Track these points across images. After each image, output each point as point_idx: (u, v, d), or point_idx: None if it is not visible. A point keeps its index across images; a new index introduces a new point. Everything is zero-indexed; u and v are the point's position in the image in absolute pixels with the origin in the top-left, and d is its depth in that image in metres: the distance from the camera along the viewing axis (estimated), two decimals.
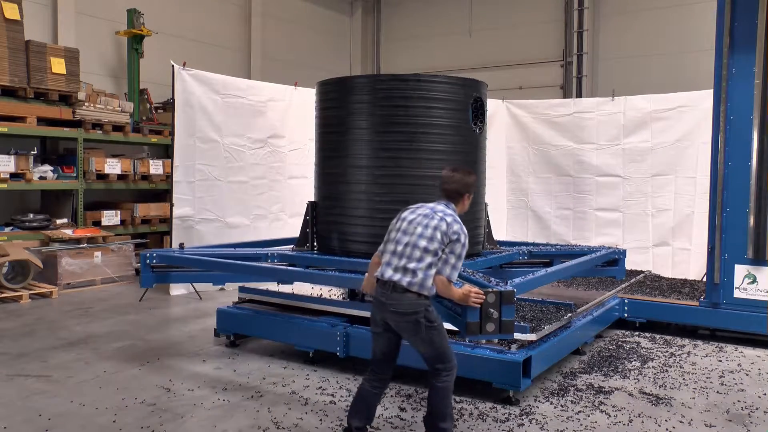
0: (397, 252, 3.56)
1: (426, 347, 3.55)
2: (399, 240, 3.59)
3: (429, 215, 3.59)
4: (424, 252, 3.48)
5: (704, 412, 4.41)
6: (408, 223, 3.62)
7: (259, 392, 4.63)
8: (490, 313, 3.55)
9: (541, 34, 14.76)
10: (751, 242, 5.88)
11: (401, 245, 3.56)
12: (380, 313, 3.57)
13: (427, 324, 3.49)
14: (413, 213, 3.67)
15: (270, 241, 6.76)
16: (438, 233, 3.50)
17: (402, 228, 3.62)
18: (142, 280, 5.38)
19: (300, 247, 5.83)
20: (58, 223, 8.90)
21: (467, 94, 5.59)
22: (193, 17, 12.82)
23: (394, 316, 3.50)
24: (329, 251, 5.65)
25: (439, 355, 3.57)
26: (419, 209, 3.68)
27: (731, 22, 5.95)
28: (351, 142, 5.50)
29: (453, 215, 3.61)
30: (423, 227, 3.54)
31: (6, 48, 8.26)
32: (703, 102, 8.09)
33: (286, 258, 5.61)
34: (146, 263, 5.32)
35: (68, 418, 4.11)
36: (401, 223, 3.66)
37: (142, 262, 5.32)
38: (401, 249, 3.55)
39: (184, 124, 7.98)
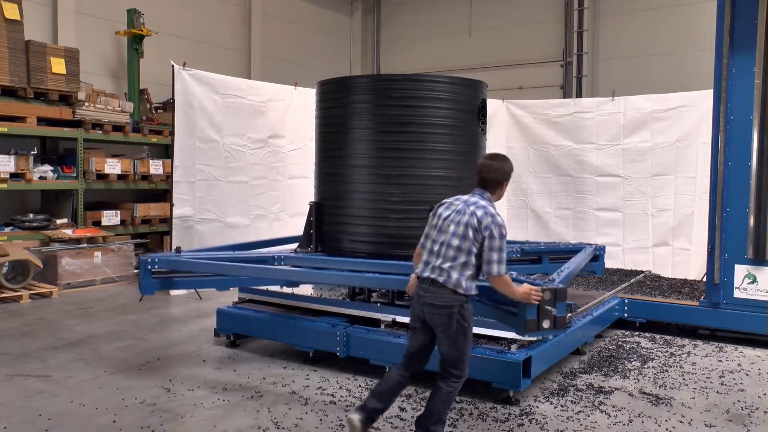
0: (433, 251, 3.61)
1: (449, 347, 3.57)
2: (435, 239, 3.64)
3: (461, 211, 3.60)
4: (457, 251, 3.52)
5: (704, 412, 4.41)
6: (443, 220, 3.64)
7: (259, 392, 4.63)
8: (548, 311, 3.67)
9: (541, 34, 14.76)
10: (751, 242, 5.88)
11: (437, 244, 3.60)
12: (418, 306, 3.61)
13: (459, 321, 3.51)
14: (447, 209, 3.68)
15: (269, 241, 6.75)
16: (469, 230, 3.52)
17: (438, 225, 3.65)
18: (143, 287, 5.00)
19: (304, 248, 5.76)
20: (58, 223, 8.90)
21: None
22: (193, 17, 12.82)
23: (430, 309, 3.54)
24: (334, 252, 5.62)
25: (457, 360, 3.58)
26: (453, 204, 3.68)
27: (731, 22, 5.95)
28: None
29: (484, 207, 3.58)
30: (455, 225, 3.57)
31: (6, 48, 8.27)
32: (703, 102, 8.09)
33: (293, 260, 5.47)
34: (147, 269, 4.94)
35: (68, 418, 4.11)
36: (437, 219, 3.68)
37: (143, 268, 4.94)
38: (437, 248, 3.59)
39: (184, 124, 7.98)
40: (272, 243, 6.63)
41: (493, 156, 3.82)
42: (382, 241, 5.42)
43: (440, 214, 3.68)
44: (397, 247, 5.38)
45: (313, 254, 5.68)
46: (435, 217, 3.71)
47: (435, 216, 3.72)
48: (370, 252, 5.43)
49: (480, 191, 3.70)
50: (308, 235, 5.70)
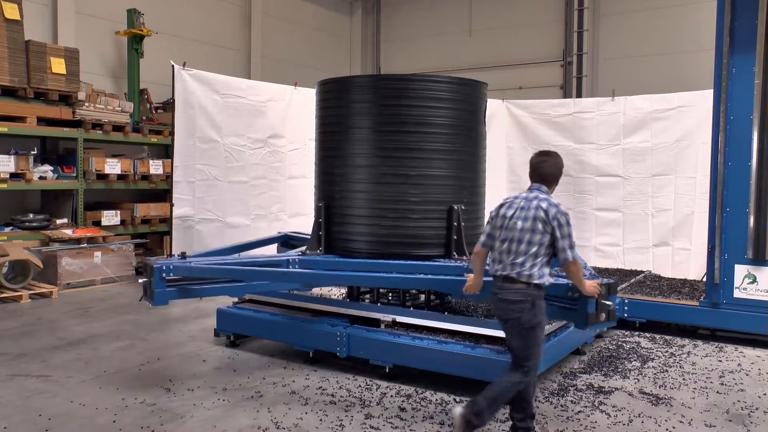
0: (503, 250, 3.75)
1: (519, 342, 3.69)
2: (504, 237, 3.76)
3: (525, 207, 3.74)
4: (528, 245, 3.66)
5: (704, 412, 4.41)
6: (508, 219, 3.77)
7: (259, 392, 4.63)
8: (604, 304, 3.88)
9: (541, 34, 14.75)
10: (751, 242, 5.88)
11: (506, 242, 3.74)
12: (493, 305, 3.76)
13: (531, 316, 3.63)
14: (510, 208, 3.81)
15: (263, 240, 6.75)
16: (538, 223, 3.66)
17: (504, 225, 3.78)
18: (156, 297, 4.59)
19: (313, 250, 5.60)
20: (58, 223, 8.90)
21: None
22: (193, 17, 12.82)
23: (503, 304, 3.69)
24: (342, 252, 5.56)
25: (527, 357, 3.69)
26: (515, 202, 3.81)
27: (731, 22, 5.95)
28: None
29: (547, 199, 3.74)
30: (522, 221, 3.70)
31: (6, 48, 8.26)
32: (703, 102, 8.08)
33: (310, 263, 5.28)
34: (161, 277, 4.59)
35: (68, 418, 4.11)
36: (501, 220, 3.81)
37: (157, 276, 4.55)
38: (506, 246, 3.73)
39: (184, 124, 7.97)
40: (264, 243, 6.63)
41: (544, 153, 4.01)
42: (382, 242, 5.41)
43: (504, 214, 3.81)
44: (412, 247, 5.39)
45: (325, 256, 5.55)
46: (498, 218, 3.83)
47: (498, 217, 3.84)
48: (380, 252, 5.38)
49: (537, 186, 3.86)
50: (317, 237, 5.61)
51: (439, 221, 5.42)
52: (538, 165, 3.92)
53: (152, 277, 4.55)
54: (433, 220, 5.41)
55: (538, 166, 3.91)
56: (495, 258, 3.80)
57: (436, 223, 5.41)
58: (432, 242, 5.42)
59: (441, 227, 5.43)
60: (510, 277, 3.66)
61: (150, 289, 4.58)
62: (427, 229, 5.40)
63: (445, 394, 4.62)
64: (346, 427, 4.03)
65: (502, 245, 3.75)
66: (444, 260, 5.35)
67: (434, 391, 4.68)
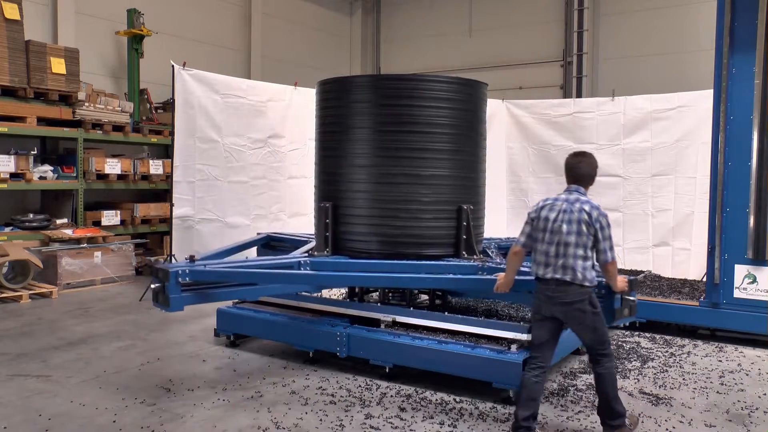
0: (550, 253, 3.82)
1: (589, 333, 3.83)
2: (550, 240, 3.83)
3: (567, 210, 3.82)
4: (575, 247, 3.76)
5: (704, 412, 4.41)
6: (552, 222, 3.84)
7: (259, 392, 4.63)
8: (628, 299, 4.02)
9: (541, 34, 14.75)
10: (751, 242, 5.87)
11: (553, 245, 3.82)
12: (548, 307, 3.84)
13: (592, 310, 3.79)
14: (551, 210, 3.87)
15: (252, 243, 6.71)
16: (583, 226, 3.77)
17: (548, 228, 3.85)
18: (173, 303, 4.37)
19: (321, 251, 5.54)
20: (58, 223, 8.90)
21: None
22: (193, 17, 12.82)
23: (563, 307, 3.79)
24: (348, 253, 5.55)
25: (601, 341, 3.84)
26: (556, 204, 3.88)
27: (731, 22, 5.95)
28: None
29: (588, 201, 3.84)
30: (567, 224, 3.79)
31: (6, 48, 8.26)
32: (703, 102, 8.08)
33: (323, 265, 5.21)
34: (177, 282, 4.38)
35: (68, 418, 4.11)
36: (543, 222, 3.88)
37: (173, 281, 4.35)
38: (554, 249, 3.81)
39: (184, 124, 7.98)
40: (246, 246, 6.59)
41: (579, 154, 4.04)
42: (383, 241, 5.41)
43: (546, 217, 3.87)
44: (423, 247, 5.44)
45: (335, 257, 5.49)
46: (540, 221, 3.90)
47: (539, 219, 3.91)
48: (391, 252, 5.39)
49: (575, 188, 3.93)
50: (324, 238, 5.58)
51: (448, 221, 5.46)
52: (574, 166, 3.96)
53: (167, 282, 4.34)
54: (442, 220, 5.45)
55: (575, 167, 3.96)
56: (540, 260, 3.87)
57: (445, 223, 5.46)
58: (441, 242, 5.47)
59: (450, 227, 5.47)
60: (564, 280, 3.77)
61: (164, 294, 4.37)
62: (437, 229, 5.44)
63: (445, 394, 4.62)
64: (346, 427, 4.03)
65: (549, 247, 3.83)
66: (457, 260, 5.40)
67: (434, 391, 4.68)
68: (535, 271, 3.92)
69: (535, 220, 3.93)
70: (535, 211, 3.96)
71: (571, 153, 4.09)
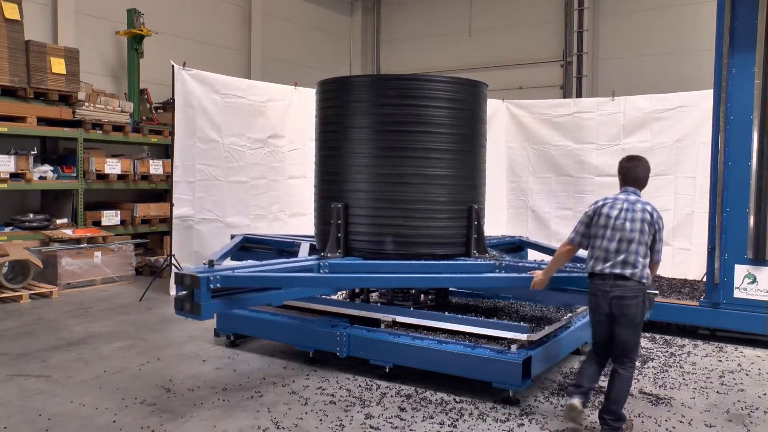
0: (611, 249, 3.95)
1: (631, 332, 3.95)
2: (611, 237, 3.96)
3: (630, 209, 3.97)
4: (638, 245, 3.91)
5: (704, 412, 4.41)
6: (614, 219, 3.97)
7: (259, 392, 4.63)
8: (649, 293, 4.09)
9: (541, 34, 14.75)
10: (751, 242, 5.87)
11: (614, 242, 3.94)
12: (604, 301, 3.94)
13: (642, 310, 3.94)
14: (613, 209, 4.00)
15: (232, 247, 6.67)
16: (645, 225, 3.94)
17: (610, 225, 3.97)
18: (204, 310, 4.15)
19: (333, 252, 5.42)
20: (58, 223, 8.90)
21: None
22: (193, 17, 12.82)
23: (620, 301, 3.90)
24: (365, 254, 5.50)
25: (636, 342, 4.01)
26: (617, 203, 4.01)
27: (731, 22, 5.95)
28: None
29: (649, 203, 4.03)
30: (630, 222, 3.94)
31: (6, 48, 8.26)
32: (703, 102, 8.08)
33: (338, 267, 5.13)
34: (208, 288, 4.15)
35: (68, 418, 4.11)
36: (605, 219, 4.00)
37: (204, 287, 4.12)
38: (615, 245, 3.94)
39: (184, 124, 7.98)
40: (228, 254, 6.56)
41: (634, 157, 4.20)
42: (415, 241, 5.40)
43: (607, 214, 3.99)
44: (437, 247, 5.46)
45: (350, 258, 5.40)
46: (601, 218, 4.02)
47: (600, 216, 4.03)
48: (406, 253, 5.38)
49: (632, 189, 4.09)
50: (336, 239, 5.55)
51: (460, 220, 5.53)
52: (630, 170, 4.12)
53: (197, 289, 4.08)
54: (454, 220, 5.51)
55: (631, 171, 4.12)
56: (599, 256, 3.99)
57: (456, 223, 5.52)
58: (453, 241, 5.52)
59: (461, 226, 5.54)
60: (623, 275, 3.89)
61: (194, 302, 4.11)
62: (449, 229, 5.49)
63: (445, 394, 4.62)
64: (346, 427, 4.03)
65: (609, 244, 3.95)
66: (471, 258, 5.47)
67: (434, 391, 4.68)
68: (590, 267, 4.03)
69: (594, 218, 4.05)
70: (593, 210, 4.08)
71: (625, 157, 4.24)
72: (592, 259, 4.03)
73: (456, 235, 5.52)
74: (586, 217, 4.10)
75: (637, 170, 4.11)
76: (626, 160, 4.19)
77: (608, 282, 3.93)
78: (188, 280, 4.15)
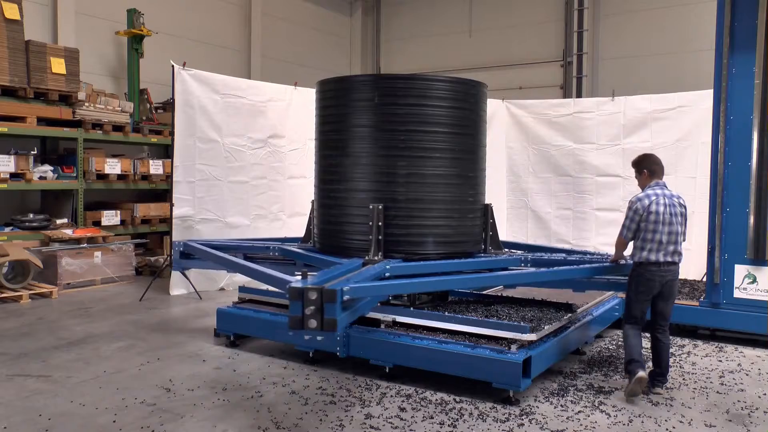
0: (663, 240, 4.58)
1: (672, 304, 4.81)
2: (662, 231, 4.58)
3: (669, 204, 4.61)
4: (679, 235, 4.64)
5: (704, 412, 4.41)
6: (661, 215, 4.57)
7: (259, 392, 4.63)
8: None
9: (541, 34, 14.76)
10: (751, 242, 5.87)
11: (665, 234, 4.58)
12: (659, 284, 4.64)
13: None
14: (658, 205, 4.59)
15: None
16: (682, 218, 4.68)
17: (660, 220, 4.57)
18: (341, 324, 3.93)
19: (374, 256, 5.39)
20: (58, 223, 8.90)
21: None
22: (193, 17, 12.82)
23: (671, 282, 4.68)
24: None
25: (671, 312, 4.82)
26: (658, 199, 4.60)
27: (731, 22, 5.95)
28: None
29: (677, 194, 4.73)
30: (673, 216, 4.60)
31: (6, 48, 8.26)
32: (703, 102, 8.09)
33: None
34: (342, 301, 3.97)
35: (68, 418, 4.11)
36: (654, 215, 4.57)
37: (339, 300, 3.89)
38: (666, 238, 4.58)
39: (184, 124, 7.98)
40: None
41: (648, 155, 4.91)
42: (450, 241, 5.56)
43: (656, 211, 4.57)
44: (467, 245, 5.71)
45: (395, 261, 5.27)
46: (651, 214, 4.58)
47: (648, 212, 4.59)
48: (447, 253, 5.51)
49: (663, 183, 4.74)
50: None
51: (479, 219, 5.81)
52: (656, 164, 4.78)
53: (331, 303, 3.75)
54: (477, 218, 5.77)
55: (657, 165, 4.77)
56: (653, 248, 4.58)
57: (478, 221, 5.80)
58: (474, 239, 5.79)
59: (479, 225, 5.80)
60: (674, 262, 4.62)
61: (327, 317, 3.75)
62: (472, 227, 5.74)
63: (445, 394, 4.62)
64: (346, 427, 4.03)
65: (662, 236, 4.56)
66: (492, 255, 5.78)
67: (434, 391, 4.68)
68: (645, 257, 4.60)
69: (644, 215, 4.59)
70: (642, 208, 4.60)
71: (643, 156, 4.88)
72: (645, 250, 4.60)
73: (477, 233, 5.81)
74: (636, 215, 4.63)
75: (659, 164, 4.76)
76: (646, 157, 4.82)
77: (663, 268, 4.59)
78: (315, 295, 3.74)
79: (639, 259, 4.64)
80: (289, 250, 5.79)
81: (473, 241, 5.77)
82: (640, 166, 4.83)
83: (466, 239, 5.68)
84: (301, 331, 3.79)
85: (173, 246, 5.27)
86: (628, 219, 4.67)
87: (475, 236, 5.79)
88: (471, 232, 5.73)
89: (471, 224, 5.71)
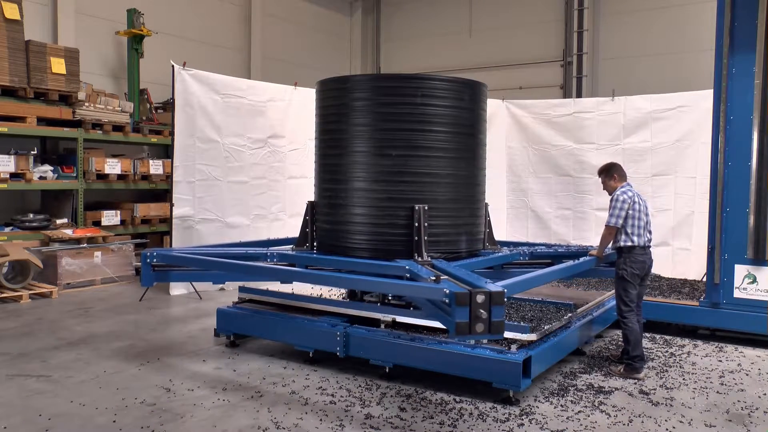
0: (645, 228, 5.26)
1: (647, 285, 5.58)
2: (641, 218, 5.23)
3: (640, 199, 5.30)
4: (649, 223, 5.33)
5: (704, 412, 4.41)
6: (640, 206, 5.25)
7: (259, 392, 4.63)
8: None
9: (541, 34, 14.75)
10: (751, 242, 5.87)
11: (644, 222, 5.25)
12: (646, 267, 5.27)
13: None
14: (638, 197, 5.29)
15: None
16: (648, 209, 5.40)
17: (642, 210, 5.25)
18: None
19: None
20: (58, 223, 8.90)
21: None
22: (193, 17, 12.82)
23: (651, 264, 5.33)
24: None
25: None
26: (634, 196, 5.26)
27: (731, 22, 5.95)
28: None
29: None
30: (646, 207, 5.34)
31: (6, 48, 8.26)
32: (703, 102, 8.09)
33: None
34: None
35: (68, 418, 4.11)
36: (637, 205, 5.23)
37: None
38: (644, 224, 5.25)
39: (184, 124, 7.98)
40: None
41: (612, 163, 5.68)
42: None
43: (637, 201, 5.25)
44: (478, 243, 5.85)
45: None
46: (635, 203, 5.23)
47: (634, 203, 5.23)
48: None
49: (627, 183, 5.42)
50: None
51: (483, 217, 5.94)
52: (619, 169, 5.50)
53: (498, 306, 3.55)
54: (482, 217, 5.90)
55: (620, 170, 5.49)
56: (639, 233, 5.20)
57: (481, 220, 5.93)
58: (479, 237, 5.88)
59: (480, 223, 5.90)
60: (650, 246, 5.29)
61: (495, 320, 3.53)
62: (479, 226, 5.87)
63: (445, 394, 4.62)
64: (346, 427, 4.03)
65: (642, 223, 5.22)
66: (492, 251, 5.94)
67: (434, 391, 4.68)
68: (633, 242, 5.18)
69: (631, 206, 5.20)
70: (630, 198, 5.22)
71: (609, 164, 5.62)
72: (634, 236, 5.18)
73: (479, 232, 5.89)
74: (624, 204, 5.20)
75: (623, 170, 5.52)
76: (613, 165, 5.58)
77: (647, 252, 5.24)
78: (483, 298, 3.53)
79: (630, 244, 5.20)
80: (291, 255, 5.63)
81: (479, 239, 5.88)
82: (610, 172, 5.47)
83: (475, 237, 5.76)
84: (471, 335, 3.59)
85: (142, 257, 5.27)
86: (617, 209, 5.21)
87: (480, 234, 5.91)
88: (480, 231, 5.86)
89: (480, 222, 5.87)
